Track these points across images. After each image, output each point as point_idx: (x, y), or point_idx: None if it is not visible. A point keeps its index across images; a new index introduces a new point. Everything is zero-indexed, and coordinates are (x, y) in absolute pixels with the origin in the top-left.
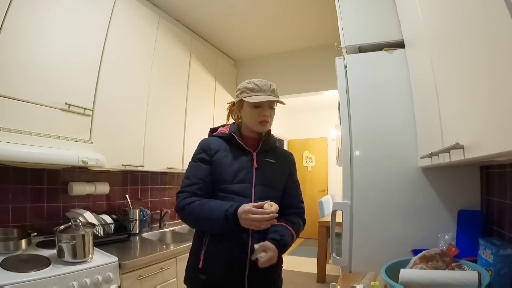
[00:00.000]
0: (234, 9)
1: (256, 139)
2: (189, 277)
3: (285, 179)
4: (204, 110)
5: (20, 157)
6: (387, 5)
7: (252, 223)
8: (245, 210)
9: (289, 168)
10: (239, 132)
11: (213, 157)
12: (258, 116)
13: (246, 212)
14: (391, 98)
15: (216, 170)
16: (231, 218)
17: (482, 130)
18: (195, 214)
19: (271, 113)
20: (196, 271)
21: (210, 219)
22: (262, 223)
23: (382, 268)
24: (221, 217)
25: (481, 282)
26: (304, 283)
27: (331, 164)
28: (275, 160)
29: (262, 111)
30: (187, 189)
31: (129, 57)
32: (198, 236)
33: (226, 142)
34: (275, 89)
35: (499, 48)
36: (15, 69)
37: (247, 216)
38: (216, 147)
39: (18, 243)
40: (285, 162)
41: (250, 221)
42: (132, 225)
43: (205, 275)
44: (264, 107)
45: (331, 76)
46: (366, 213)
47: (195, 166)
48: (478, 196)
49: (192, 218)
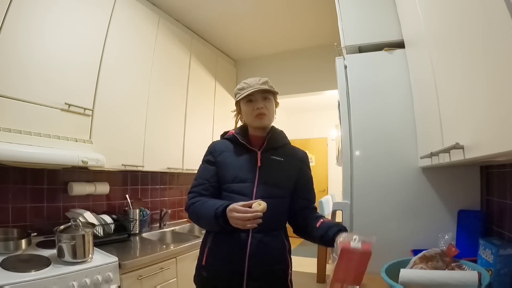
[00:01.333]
0: (234, 9)
1: (262, 137)
2: (195, 275)
3: (294, 177)
4: (204, 110)
5: (20, 157)
6: (387, 5)
7: (237, 222)
8: (230, 208)
9: (299, 166)
10: (244, 132)
11: (217, 158)
12: (252, 110)
13: (231, 210)
14: (391, 98)
15: (220, 171)
16: (220, 217)
17: (482, 130)
18: (196, 213)
19: (267, 105)
20: (200, 269)
21: (206, 217)
22: (246, 222)
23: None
24: (212, 215)
25: (481, 282)
26: (304, 283)
27: (331, 164)
28: (283, 158)
29: (255, 104)
30: (194, 190)
31: (129, 57)
32: (205, 235)
33: (231, 143)
34: (266, 81)
35: (499, 48)
36: (15, 69)
37: (232, 215)
38: (221, 148)
39: (18, 243)
40: (294, 160)
41: (235, 220)
42: (132, 225)
43: (207, 272)
44: (257, 100)
45: (331, 76)
46: (366, 213)
47: (202, 168)
48: (478, 196)
49: (194, 217)
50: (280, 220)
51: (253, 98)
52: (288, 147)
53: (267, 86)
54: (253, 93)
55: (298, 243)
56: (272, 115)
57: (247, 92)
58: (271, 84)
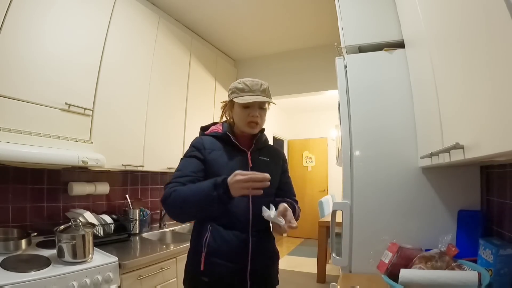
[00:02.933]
0: (234, 9)
1: (249, 137)
2: (190, 280)
3: (279, 176)
4: (204, 110)
5: (20, 157)
6: (387, 5)
7: (244, 185)
8: (236, 173)
9: (282, 165)
10: (232, 131)
11: (207, 157)
12: (247, 116)
13: (236, 175)
14: (391, 98)
15: (211, 170)
16: (221, 186)
17: (482, 130)
18: (180, 196)
19: (261, 114)
20: (198, 274)
21: (197, 195)
22: (254, 183)
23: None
24: (210, 187)
25: (481, 282)
26: (304, 283)
27: (331, 164)
28: (269, 158)
29: (252, 112)
30: (177, 180)
31: (129, 57)
32: (197, 237)
33: (220, 141)
34: (266, 89)
35: (499, 48)
36: (15, 69)
37: (237, 178)
38: (210, 146)
39: (18, 243)
40: (278, 160)
41: (241, 183)
42: (132, 225)
43: (208, 276)
44: (254, 108)
45: (331, 76)
46: (366, 213)
47: (188, 161)
48: (478, 196)
49: (178, 201)
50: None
51: (250, 104)
52: (270, 147)
53: (267, 97)
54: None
55: (298, 243)
56: (264, 123)
57: (247, 101)
58: (269, 92)
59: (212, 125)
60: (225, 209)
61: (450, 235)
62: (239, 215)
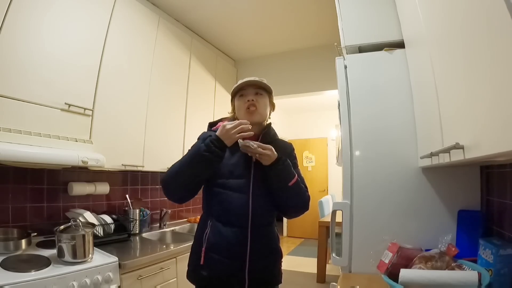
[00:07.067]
0: (234, 9)
1: (256, 133)
2: (191, 273)
3: None
4: (204, 110)
5: (20, 157)
6: (387, 5)
7: (233, 130)
8: (223, 125)
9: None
10: None
11: None
12: (243, 103)
13: (223, 126)
14: (391, 98)
15: None
16: (214, 138)
17: (482, 130)
18: (176, 165)
19: (258, 99)
20: (198, 268)
21: (189, 156)
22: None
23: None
24: (199, 142)
25: (481, 282)
26: (304, 283)
27: (331, 164)
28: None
29: (247, 97)
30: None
31: (129, 57)
32: (199, 232)
33: None
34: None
35: (499, 48)
36: (15, 69)
37: (227, 127)
38: None
39: (18, 243)
40: (285, 154)
41: (231, 130)
42: (132, 225)
43: (206, 271)
44: (248, 93)
45: (331, 76)
46: (366, 213)
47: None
48: (478, 196)
49: (173, 171)
50: (273, 213)
51: (244, 92)
52: (278, 141)
53: (259, 79)
54: (245, 87)
55: (298, 243)
56: (264, 111)
57: (239, 83)
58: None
59: (220, 121)
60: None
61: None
62: (238, 212)
